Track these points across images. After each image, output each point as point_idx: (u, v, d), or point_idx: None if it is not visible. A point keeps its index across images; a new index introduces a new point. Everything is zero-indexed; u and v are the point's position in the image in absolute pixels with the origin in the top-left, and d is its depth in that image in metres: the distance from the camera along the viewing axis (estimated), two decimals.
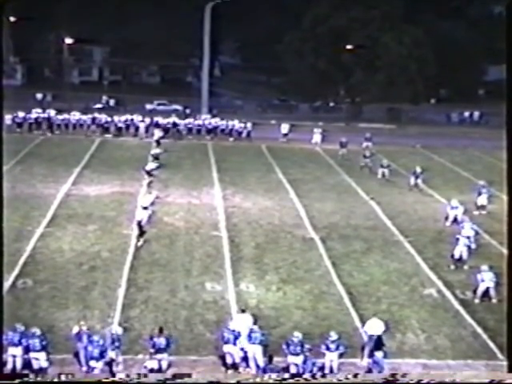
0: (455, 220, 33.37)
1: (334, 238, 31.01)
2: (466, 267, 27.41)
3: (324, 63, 78.49)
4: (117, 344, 18.87)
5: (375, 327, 20.26)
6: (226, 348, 19.32)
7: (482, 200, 36.44)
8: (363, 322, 21.74)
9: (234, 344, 19.26)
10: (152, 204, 32.59)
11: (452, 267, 27.63)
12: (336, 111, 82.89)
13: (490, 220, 34.64)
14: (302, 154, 52.50)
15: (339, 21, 76.60)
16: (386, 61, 77.51)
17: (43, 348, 18.45)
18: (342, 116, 78.33)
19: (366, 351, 19.84)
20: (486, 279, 24.47)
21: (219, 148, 52.84)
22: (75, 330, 19.27)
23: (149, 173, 39.92)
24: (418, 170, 41.19)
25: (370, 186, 41.51)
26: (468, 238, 28.14)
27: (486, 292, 24.51)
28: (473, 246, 28.20)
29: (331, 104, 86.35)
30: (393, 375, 17.64)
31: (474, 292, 24.70)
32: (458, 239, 28.01)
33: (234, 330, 19.48)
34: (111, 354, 18.62)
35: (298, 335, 19.01)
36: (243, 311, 21.27)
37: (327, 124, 68.16)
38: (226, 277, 25.91)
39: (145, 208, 30.63)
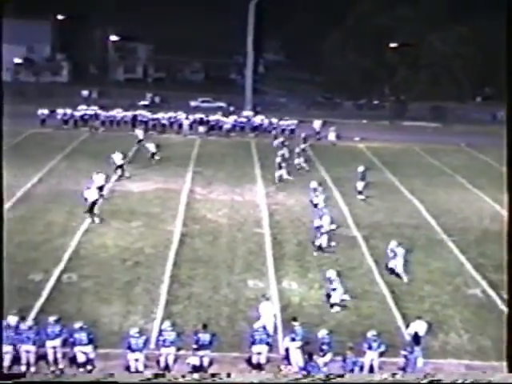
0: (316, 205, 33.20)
1: (376, 237, 30.81)
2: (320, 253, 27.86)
3: (368, 61, 78.17)
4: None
5: (418, 328, 20.09)
6: (255, 348, 19.21)
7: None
8: (406, 321, 21.64)
9: (261, 343, 19.09)
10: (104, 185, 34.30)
11: (315, 254, 27.88)
12: (380, 109, 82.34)
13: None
14: (345, 152, 52.23)
15: (383, 19, 76.18)
16: (430, 59, 76.99)
17: (90, 341, 18.64)
18: (386, 114, 77.83)
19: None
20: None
21: (262, 145, 52.76)
22: (13, 320, 18.83)
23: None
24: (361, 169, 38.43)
25: (414, 184, 41.04)
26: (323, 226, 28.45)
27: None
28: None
29: (375, 102, 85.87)
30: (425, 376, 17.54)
31: None
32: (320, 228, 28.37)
33: (259, 330, 19.29)
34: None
35: (323, 332, 19.08)
36: (267, 300, 21.29)
37: (371, 122, 67.74)
38: (269, 274, 25.95)
39: (100, 188, 32.77)
